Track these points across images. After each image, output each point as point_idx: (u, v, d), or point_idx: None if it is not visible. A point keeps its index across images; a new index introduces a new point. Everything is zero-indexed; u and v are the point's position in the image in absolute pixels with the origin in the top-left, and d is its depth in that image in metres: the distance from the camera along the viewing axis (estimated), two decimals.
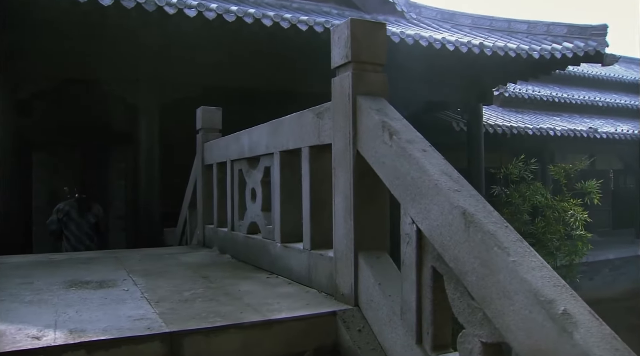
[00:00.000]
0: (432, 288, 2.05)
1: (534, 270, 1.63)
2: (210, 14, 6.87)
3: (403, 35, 8.06)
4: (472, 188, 2.00)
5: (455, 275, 1.88)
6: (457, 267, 1.86)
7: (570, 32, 10.16)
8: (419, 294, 2.10)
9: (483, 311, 1.76)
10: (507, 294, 1.63)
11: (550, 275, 1.63)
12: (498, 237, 1.74)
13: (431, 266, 2.05)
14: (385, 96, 2.58)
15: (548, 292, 1.55)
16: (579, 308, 1.56)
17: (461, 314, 1.90)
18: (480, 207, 1.89)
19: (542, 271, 1.64)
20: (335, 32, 2.68)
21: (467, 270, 1.80)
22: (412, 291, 2.12)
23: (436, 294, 2.05)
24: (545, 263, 1.69)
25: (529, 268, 1.63)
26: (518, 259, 1.66)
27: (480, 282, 1.74)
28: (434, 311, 2.06)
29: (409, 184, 2.12)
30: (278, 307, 2.60)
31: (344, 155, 2.59)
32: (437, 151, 2.20)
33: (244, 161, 4.15)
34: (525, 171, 8.74)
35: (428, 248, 2.05)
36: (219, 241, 4.81)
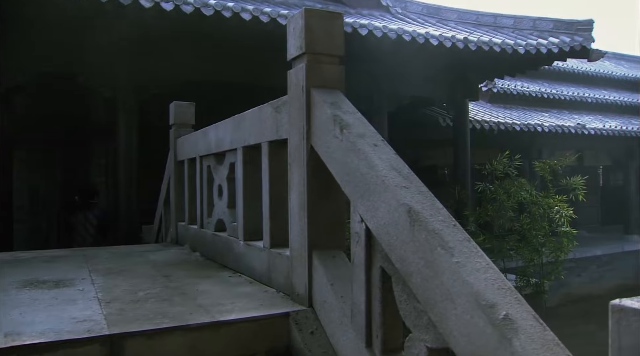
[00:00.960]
0: (382, 289, 1.96)
1: (478, 272, 1.54)
2: (188, 7, 6.76)
3: (386, 29, 7.96)
4: (422, 185, 1.91)
5: (401, 276, 1.79)
6: (403, 268, 1.77)
7: (557, 27, 10.10)
8: (369, 295, 2.01)
9: (428, 315, 1.67)
10: (450, 298, 1.54)
11: (495, 277, 1.55)
12: (443, 236, 1.65)
13: (380, 267, 1.96)
14: (341, 88, 2.48)
15: (490, 295, 1.47)
16: (523, 313, 1.47)
17: (408, 317, 1.82)
18: (428, 204, 1.80)
19: (487, 272, 1.55)
20: (291, 23, 2.58)
21: (413, 271, 1.71)
22: (362, 293, 2.03)
23: (385, 296, 1.95)
24: (491, 264, 1.60)
25: (473, 269, 1.55)
26: (462, 260, 1.57)
27: (425, 284, 1.65)
28: (383, 313, 1.96)
29: (358, 180, 2.03)
30: (231, 308, 2.51)
31: (298, 150, 2.50)
32: (389, 146, 2.11)
33: (212, 156, 4.05)
34: (509, 167, 8.64)
35: (377, 248, 1.96)
36: (190, 238, 4.71)
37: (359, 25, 7.75)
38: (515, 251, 8.97)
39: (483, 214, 8.73)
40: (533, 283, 9.24)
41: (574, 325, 11.99)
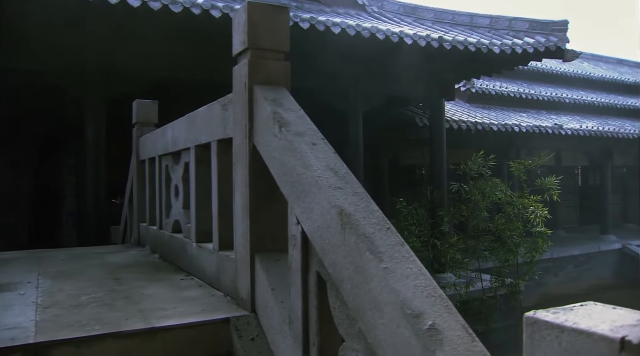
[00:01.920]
0: (318, 295, 1.87)
1: (408, 278, 1.46)
2: (156, 4, 6.63)
3: (359, 28, 7.88)
4: (358, 186, 1.83)
5: (334, 282, 1.71)
6: (335, 273, 1.69)
7: (532, 27, 10.10)
8: (305, 301, 1.92)
9: (359, 324, 1.59)
10: (378, 306, 1.46)
11: (425, 284, 1.47)
12: (374, 240, 1.56)
13: (316, 272, 1.87)
14: (287, 85, 2.39)
15: (418, 304, 1.38)
16: (451, 322, 1.39)
17: (341, 325, 1.73)
18: (362, 206, 1.72)
19: (417, 279, 1.47)
20: (235, 17, 2.48)
21: (344, 277, 1.63)
22: (298, 298, 1.94)
23: (321, 302, 1.87)
24: (423, 270, 1.52)
25: (402, 275, 1.46)
26: (391, 265, 1.49)
27: (355, 291, 1.57)
28: (320, 320, 1.88)
29: (294, 180, 1.94)
30: (171, 313, 2.41)
31: (241, 149, 2.40)
32: (329, 145, 2.02)
33: (170, 156, 3.94)
34: (483, 167, 8.61)
35: (313, 252, 1.87)
36: (150, 239, 4.60)
37: (332, 24, 7.66)
38: (490, 251, 8.96)
39: (457, 214, 8.70)
40: (508, 284, 9.24)
41: None
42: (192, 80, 8.38)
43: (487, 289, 9.16)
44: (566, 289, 14.75)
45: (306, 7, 9.69)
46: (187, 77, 8.28)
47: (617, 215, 20.15)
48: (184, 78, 8.28)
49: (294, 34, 7.72)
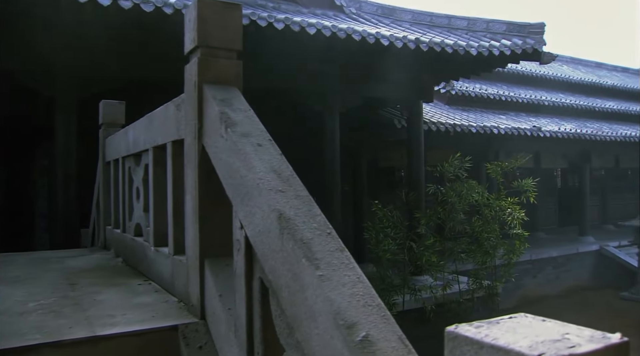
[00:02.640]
0: (261, 302, 1.80)
1: (344, 287, 1.39)
2: (127, 2, 6.51)
3: (335, 29, 7.83)
4: (302, 189, 1.76)
5: (275, 289, 1.64)
6: (274, 280, 1.61)
7: (509, 29, 10.11)
8: (249, 309, 1.85)
9: (296, 334, 1.52)
10: (313, 315, 1.39)
11: (363, 292, 1.40)
12: (311, 246, 1.49)
13: (259, 278, 1.80)
14: (238, 85, 2.31)
15: (352, 314, 1.32)
16: (386, 333, 1.32)
17: (282, 334, 1.66)
18: (304, 210, 1.65)
19: (354, 287, 1.40)
20: (186, 14, 2.40)
21: (282, 284, 1.56)
22: (243, 306, 1.87)
23: (265, 310, 1.79)
24: (362, 278, 1.45)
25: (339, 284, 1.40)
26: (327, 273, 1.42)
27: (292, 299, 1.50)
28: (264, 328, 1.80)
29: (238, 183, 1.87)
30: (119, 320, 2.32)
31: (191, 151, 2.33)
32: (276, 146, 1.95)
33: (132, 157, 3.85)
34: (459, 169, 8.59)
35: (256, 257, 1.80)
36: (115, 243, 4.50)
37: (307, 24, 7.60)
38: (467, 253, 8.95)
39: (434, 216, 8.68)
40: (486, 286, 9.23)
41: None
42: (161, 80, 8.25)
43: (465, 291, 9.14)
44: (545, 291, 14.83)
45: (283, 7, 9.62)
46: (156, 76, 8.15)
47: (596, 217, 20.33)
48: (153, 78, 8.15)
49: (269, 35, 7.65)
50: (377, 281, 7.85)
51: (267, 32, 7.44)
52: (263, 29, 7.31)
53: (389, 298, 7.72)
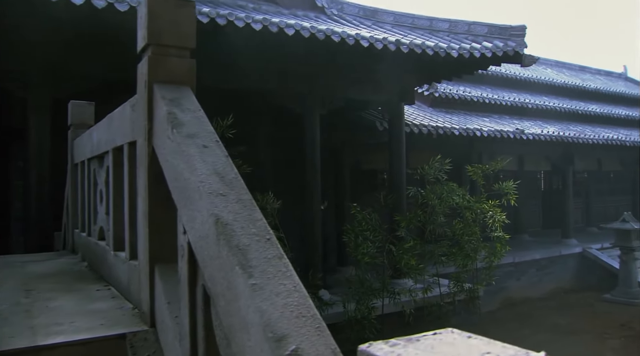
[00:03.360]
0: (204, 311, 1.72)
1: (278, 296, 1.32)
2: (100, 2, 6.40)
3: (314, 30, 7.76)
4: (245, 193, 1.69)
5: (214, 298, 1.57)
6: (213, 288, 1.55)
7: (491, 32, 10.10)
8: (193, 317, 1.77)
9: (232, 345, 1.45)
10: (246, 327, 1.32)
11: (298, 303, 1.33)
12: (247, 253, 1.42)
13: (202, 286, 1.72)
14: (191, 84, 2.24)
15: (283, 326, 1.24)
16: (319, 346, 1.25)
17: (221, 345, 1.59)
18: (244, 215, 1.57)
19: (289, 297, 1.33)
20: (138, 11, 2.33)
21: (219, 293, 1.49)
22: (186, 314, 1.79)
23: (207, 319, 1.72)
24: (298, 287, 1.38)
25: (272, 293, 1.32)
26: (261, 282, 1.35)
27: (228, 309, 1.43)
28: (207, 338, 1.73)
29: (182, 186, 1.80)
30: (66, 328, 2.23)
31: (142, 152, 2.25)
32: (223, 148, 1.88)
33: (96, 159, 3.76)
34: (440, 171, 8.55)
35: (198, 264, 1.72)
36: (81, 247, 4.40)
37: (286, 25, 7.53)
38: (448, 256, 8.90)
39: (414, 219, 8.62)
40: (467, 289, 9.19)
41: (510, 330, 12.02)
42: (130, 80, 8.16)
43: (446, 294, 9.09)
44: (528, 293, 14.83)
45: (263, 8, 9.55)
46: (133, 77, 8.03)
47: (580, 219, 20.41)
48: (131, 78, 8.03)
49: (247, 36, 7.55)
50: (356, 285, 7.78)
51: (245, 33, 7.35)
52: (241, 29, 7.23)
53: (367, 302, 7.65)
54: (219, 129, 6.62)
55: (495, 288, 13.39)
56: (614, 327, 12.06)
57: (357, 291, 7.73)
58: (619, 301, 14.01)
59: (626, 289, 14.17)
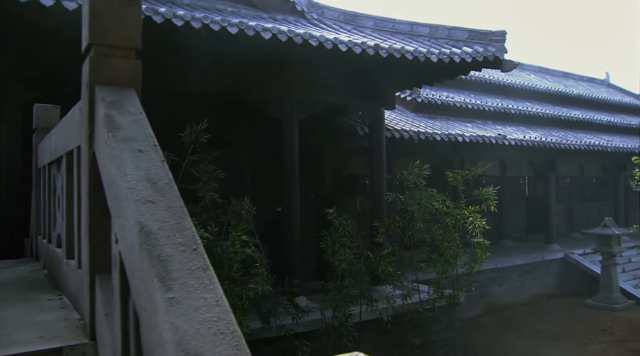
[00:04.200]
0: (136, 325, 1.63)
1: (197, 311, 1.23)
2: (71, 4, 6.28)
3: (291, 34, 7.68)
4: (176, 200, 1.60)
5: (138, 312, 1.47)
6: (137, 301, 1.45)
7: (471, 37, 10.07)
8: (125, 331, 1.68)
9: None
10: (162, 344, 1.23)
11: (217, 318, 1.24)
12: (168, 265, 1.33)
13: (133, 298, 1.63)
14: (136, 86, 2.14)
15: (197, 343, 1.15)
16: None
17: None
18: (171, 223, 1.48)
19: (208, 312, 1.24)
20: (82, 10, 2.23)
21: (141, 307, 1.40)
22: (119, 327, 1.70)
23: (138, 334, 1.63)
24: (221, 301, 1.29)
25: (191, 308, 1.24)
26: (180, 295, 1.26)
27: (148, 323, 1.34)
28: (138, 354, 1.63)
29: (114, 193, 1.71)
30: (4, 342, 2.12)
31: (84, 157, 2.16)
32: (160, 152, 1.78)
33: (55, 163, 3.65)
34: (418, 177, 8.48)
35: (128, 275, 1.63)
36: (43, 254, 4.28)
37: (262, 29, 7.44)
38: (427, 263, 8.83)
39: (393, 225, 8.55)
40: (447, 295, 9.12)
41: (494, 335, 12.01)
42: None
43: (426, 301, 9.02)
44: (510, 299, 14.82)
45: (242, 12, 9.46)
46: None
47: (563, 224, 20.48)
48: None
49: (224, 39, 7.44)
50: (334, 292, 7.69)
51: (221, 36, 7.26)
52: (216, 33, 7.13)
53: (345, 309, 7.56)
54: (193, 133, 6.53)
55: (478, 293, 13.37)
56: (595, 333, 12.08)
57: (335, 298, 7.64)
58: (600, 307, 14.04)
59: (607, 294, 14.21)
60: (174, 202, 1.57)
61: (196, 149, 6.55)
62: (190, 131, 6.54)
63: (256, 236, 7.02)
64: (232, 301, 6.17)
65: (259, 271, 6.65)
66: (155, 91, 8.36)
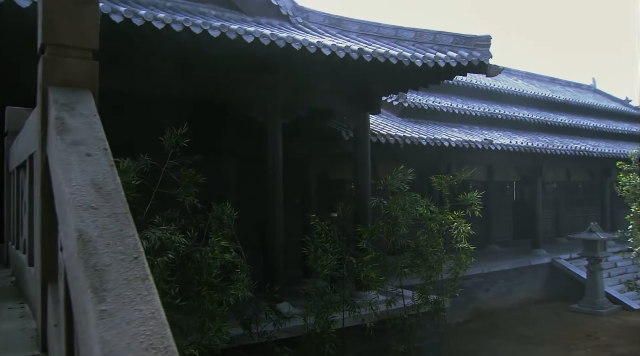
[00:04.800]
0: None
1: (129, 325, 1.16)
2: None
3: (274, 37, 7.61)
4: (121, 206, 1.52)
5: (76, 325, 1.40)
6: (75, 313, 1.38)
7: (456, 41, 10.05)
8: (70, 344, 1.60)
9: None
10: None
11: (152, 332, 1.16)
12: (104, 275, 1.26)
13: None
14: (92, 87, 2.07)
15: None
16: None
17: None
18: (113, 230, 1.41)
19: (142, 326, 1.17)
20: (38, 9, 2.15)
21: (77, 319, 1.32)
22: (63, 339, 1.62)
23: None
24: (157, 314, 1.22)
25: (123, 321, 1.16)
26: (113, 307, 1.19)
27: (82, 336, 1.27)
28: None
29: (60, 198, 1.63)
30: None
31: (38, 162, 2.08)
32: (110, 156, 1.71)
33: (22, 168, 3.56)
34: (402, 182, 8.42)
35: (69, 285, 1.55)
36: (12, 260, 4.18)
37: (244, 32, 7.37)
38: (411, 268, 8.75)
39: (376, 230, 8.48)
40: (432, 301, 9.05)
41: (480, 341, 11.98)
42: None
43: (410, 307, 8.94)
44: (497, 304, 14.81)
45: (226, 16, 9.40)
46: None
47: (550, 229, 20.53)
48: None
49: (206, 43, 7.36)
50: (316, 298, 7.61)
51: (202, 40, 7.19)
52: (198, 36, 7.06)
53: (327, 315, 7.48)
54: (173, 137, 6.44)
55: (465, 299, 13.33)
56: (581, 338, 12.07)
57: (317, 304, 7.56)
58: (586, 312, 14.06)
59: (593, 299, 14.23)
60: (119, 208, 1.50)
61: (176, 154, 6.47)
62: (170, 135, 6.44)
63: (238, 242, 6.93)
64: (211, 307, 6.08)
65: (240, 277, 6.56)
66: (137, 95, 8.32)
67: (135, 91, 8.04)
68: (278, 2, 10.23)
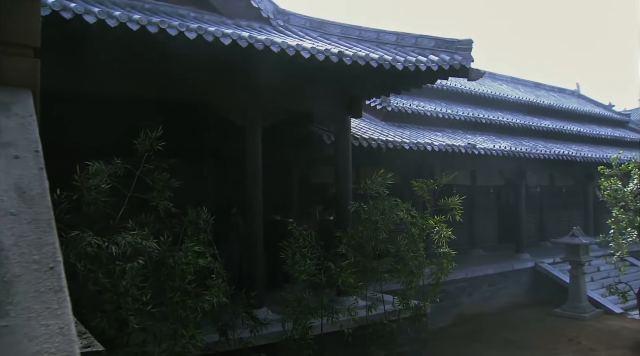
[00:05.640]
0: None
1: (31, 342, 1.06)
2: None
3: (252, 39, 7.53)
4: (45, 212, 1.42)
5: None
6: None
7: (438, 45, 10.02)
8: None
9: None
10: None
11: (56, 350, 1.08)
12: (12, 286, 1.16)
13: None
14: (33, 86, 1.97)
15: None
16: None
17: None
18: (31, 238, 1.31)
19: (46, 342, 1.08)
20: None
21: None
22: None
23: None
24: (66, 329, 1.12)
25: (25, 338, 1.07)
26: (16, 323, 1.09)
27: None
28: None
29: None
30: None
31: None
32: (40, 158, 1.61)
33: None
34: (382, 186, 8.35)
35: None
36: None
37: (222, 34, 7.28)
38: (392, 273, 8.68)
39: (355, 235, 8.40)
40: (413, 306, 8.99)
41: (463, 345, 11.93)
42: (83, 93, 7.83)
43: (391, 312, 8.86)
44: (480, 309, 14.78)
45: (206, 17, 9.30)
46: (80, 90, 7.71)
47: (534, 234, 20.57)
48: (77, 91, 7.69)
49: (182, 45, 7.24)
50: (294, 303, 7.51)
51: (179, 42, 7.09)
52: (174, 38, 6.96)
53: (305, 321, 7.38)
54: (147, 140, 6.33)
55: (448, 303, 13.30)
56: (563, 342, 12.06)
57: (295, 310, 7.46)
58: (569, 316, 14.07)
59: (575, 303, 14.25)
60: (42, 214, 1.40)
61: (151, 157, 6.36)
62: (144, 138, 6.33)
63: (214, 247, 6.83)
64: (184, 313, 5.97)
65: (215, 283, 6.45)
66: (114, 98, 8.20)
67: (111, 93, 7.91)
68: (259, 4, 10.14)
